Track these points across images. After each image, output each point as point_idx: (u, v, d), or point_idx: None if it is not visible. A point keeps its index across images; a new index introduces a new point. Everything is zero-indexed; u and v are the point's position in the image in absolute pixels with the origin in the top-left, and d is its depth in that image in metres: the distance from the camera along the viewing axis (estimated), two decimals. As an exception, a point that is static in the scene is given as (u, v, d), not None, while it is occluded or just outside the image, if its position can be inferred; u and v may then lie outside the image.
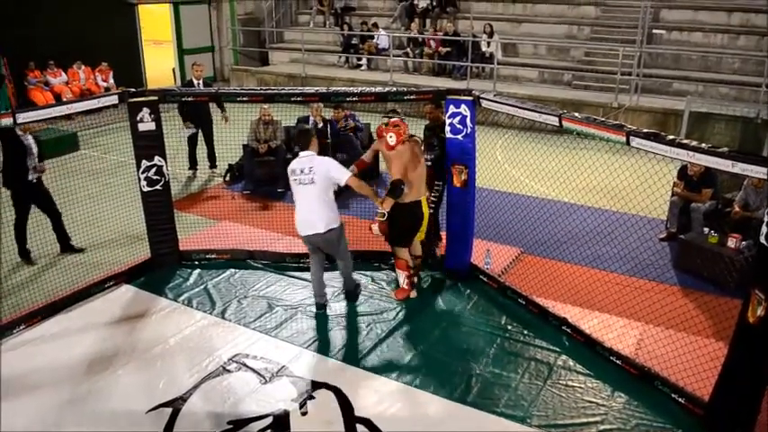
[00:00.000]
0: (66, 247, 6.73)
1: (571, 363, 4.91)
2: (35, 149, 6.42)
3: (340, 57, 15.70)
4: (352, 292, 5.82)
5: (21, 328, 5.37)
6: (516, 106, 5.31)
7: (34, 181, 6.43)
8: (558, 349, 5.08)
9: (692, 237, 6.57)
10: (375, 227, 5.34)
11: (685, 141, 4.10)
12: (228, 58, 17.03)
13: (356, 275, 5.94)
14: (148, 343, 5.18)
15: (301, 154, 5.28)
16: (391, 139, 5.39)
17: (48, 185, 6.51)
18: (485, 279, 6.07)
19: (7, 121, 5.18)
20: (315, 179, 5.16)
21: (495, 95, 5.79)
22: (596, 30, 13.72)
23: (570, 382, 4.68)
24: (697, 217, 6.73)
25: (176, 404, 4.47)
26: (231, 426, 4.26)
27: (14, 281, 6.22)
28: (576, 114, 4.95)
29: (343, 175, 5.22)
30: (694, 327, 4.93)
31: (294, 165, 5.26)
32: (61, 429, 4.26)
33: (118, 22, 14.67)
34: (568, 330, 5.22)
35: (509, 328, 5.39)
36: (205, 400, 4.52)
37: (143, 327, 5.45)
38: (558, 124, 4.90)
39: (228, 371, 4.81)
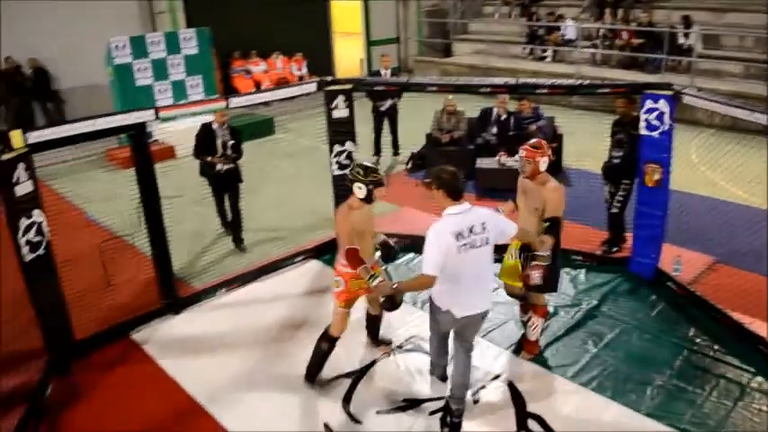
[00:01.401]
0: (237, 240, 6.95)
1: (767, 386, 4.48)
2: (222, 141, 6.53)
3: (524, 48, 15.43)
4: (460, 400, 4.24)
5: (222, 291, 5.98)
6: (723, 103, 4.92)
7: (222, 172, 6.59)
8: (752, 370, 4.66)
9: None
10: (537, 274, 4.38)
11: None
12: (413, 49, 17.42)
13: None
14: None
15: (457, 209, 3.77)
16: (544, 163, 4.54)
17: (245, 167, 6.96)
18: (673, 286, 5.71)
19: (221, 105, 5.74)
20: (490, 238, 3.82)
21: (697, 91, 5.41)
22: (817, 19, 12.21)
23: (764, 407, 4.29)
24: None
25: (355, 376, 4.73)
26: (405, 403, 4.42)
27: (219, 251, 6.89)
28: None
29: (511, 226, 4.08)
30: None
31: (457, 225, 3.71)
32: (254, 387, 4.68)
33: (312, 15, 15.61)
34: (766, 351, 4.77)
35: (697, 340, 5.04)
36: (382, 376, 4.74)
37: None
38: (773, 124, 4.47)
39: (405, 351, 4.99)
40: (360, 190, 4.22)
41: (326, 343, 4.58)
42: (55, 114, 11.84)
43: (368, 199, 4.27)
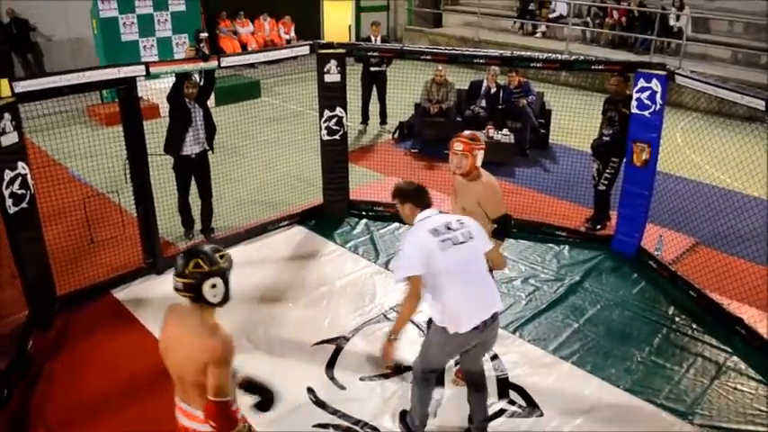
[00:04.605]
0: (206, 229, 6.28)
1: (742, 366, 4.60)
2: (200, 121, 5.84)
3: (515, 22, 15.37)
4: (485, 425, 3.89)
5: (207, 253, 5.91)
6: (716, 85, 4.94)
7: (193, 156, 5.90)
8: (728, 350, 4.77)
9: None
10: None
11: None
12: (402, 18, 17.23)
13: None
14: (317, 282, 5.51)
15: (426, 213, 3.45)
16: (480, 157, 4.05)
17: (231, 129, 6.67)
18: (654, 265, 5.79)
19: (213, 64, 5.62)
20: (472, 233, 3.41)
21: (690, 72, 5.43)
22: (806, 8, 12.28)
23: (740, 386, 4.40)
24: None
25: (339, 342, 4.75)
26: (389, 371, 4.45)
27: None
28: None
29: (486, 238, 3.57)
30: None
31: (431, 224, 3.37)
32: (237, 350, 4.64)
33: (302, -23, 15.32)
34: (743, 332, 4.87)
35: (676, 319, 5.13)
36: (366, 342, 4.76)
37: (312, 266, 5.81)
38: (765, 109, 4.50)
39: (389, 319, 5.00)
40: (215, 289, 2.62)
41: None
42: (35, 67, 11.54)
43: (226, 298, 2.70)
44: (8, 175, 4.33)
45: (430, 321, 3.53)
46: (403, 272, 3.31)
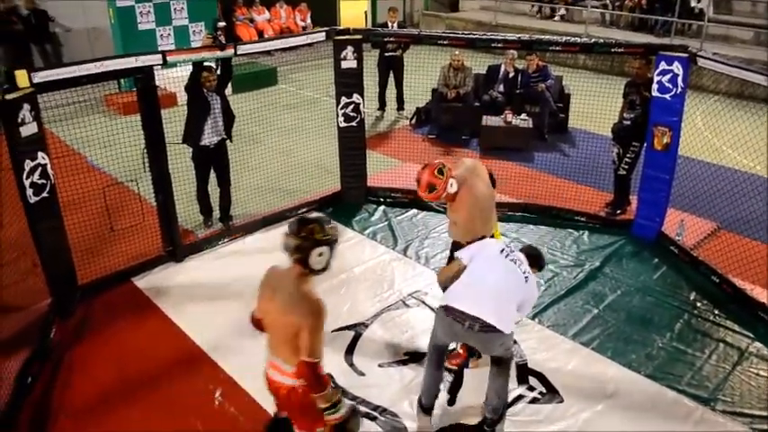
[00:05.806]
0: (225, 217, 6.31)
1: (765, 352, 4.54)
2: (218, 111, 5.83)
3: (532, 6, 15.18)
4: (498, 416, 3.79)
5: (225, 240, 5.96)
6: (740, 67, 4.84)
7: (211, 146, 5.92)
8: (751, 335, 4.71)
9: None
10: None
11: None
12: (419, 2, 17.09)
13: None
14: (335, 269, 5.34)
15: (522, 255, 3.71)
16: (453, 184, 4.04)
17: (248, 117, 6.69)
18: (675, 250, 5.73)
19: (229, 52, 5.60)
20: (528, 277, 3.58)
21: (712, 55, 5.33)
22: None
23: (762, 372, 4.34)
24: None
25: (358, 329, 4.76)
26: (407, 357, 4.46)
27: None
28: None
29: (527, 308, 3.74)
30: None
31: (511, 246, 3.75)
32: (256, 336, 4.67)
33: (318, -36, 15.21)
34: (765, 317, 4.80)
35: (698, 304, 5.07)
36: (384, 329, 4.76)
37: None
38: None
39: (408, 305, 5.01)
40: (321, 258, 2.85)
41: None
42: (53, 57, 11.60)
43: (326, 267, 2.94)
44: (28, 165, 4.37)
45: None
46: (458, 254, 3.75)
